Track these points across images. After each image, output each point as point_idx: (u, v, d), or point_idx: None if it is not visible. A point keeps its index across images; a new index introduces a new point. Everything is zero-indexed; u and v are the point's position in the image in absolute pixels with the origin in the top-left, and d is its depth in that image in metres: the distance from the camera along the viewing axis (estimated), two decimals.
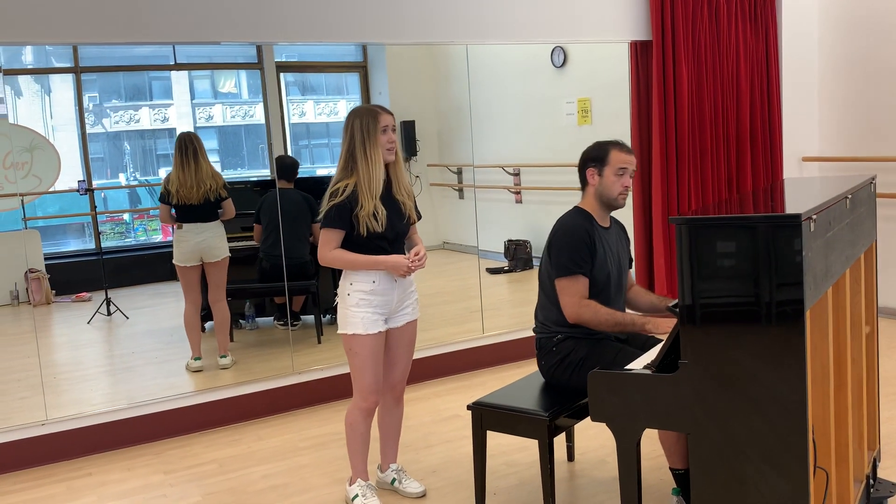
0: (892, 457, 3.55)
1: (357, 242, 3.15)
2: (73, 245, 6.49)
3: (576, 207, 3.26)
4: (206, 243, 4.94)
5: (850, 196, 2.71)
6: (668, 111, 5.53)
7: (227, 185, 5.04)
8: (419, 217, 3.35)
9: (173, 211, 4.91)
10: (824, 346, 2.49)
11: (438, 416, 4.44)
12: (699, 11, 5.54)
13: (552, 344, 3.20)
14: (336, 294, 3.26)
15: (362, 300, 3.16)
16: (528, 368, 5.09)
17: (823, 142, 6.26)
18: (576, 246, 3.09)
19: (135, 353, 5.41)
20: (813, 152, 6.27)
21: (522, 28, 5.12)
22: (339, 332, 3.23)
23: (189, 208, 4.88)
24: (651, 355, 2.71)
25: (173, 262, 4.95)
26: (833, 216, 2.45)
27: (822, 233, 2.29)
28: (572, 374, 3.13)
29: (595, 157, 3.19)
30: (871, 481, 3.11)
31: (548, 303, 3.22)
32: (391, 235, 3.20)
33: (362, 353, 3.18)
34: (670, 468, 3.02)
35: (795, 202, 2.52)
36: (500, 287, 7.01)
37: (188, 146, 4.87)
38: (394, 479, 3.50)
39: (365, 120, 3.15)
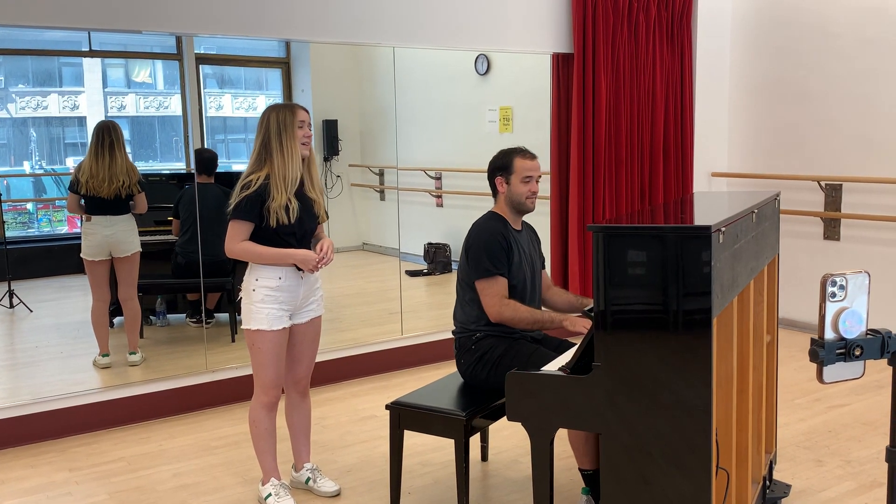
0: (787, 460, 3.74)
1: (265, 236, 3.15)
2: None
3: (490, 212, 3.37)
4: (116, 237, 4.77)
5: (756, 210, 2.85)
6: (587, 122, 5.68)
7: (143, 178, 4.89)
8: (327, 217, 3.37)
9: (82, 202, 4.73)
10: (729, 353, 2.60)
11: (356, 416, 4.44)
12: (619, 28, 5.71)
13: (471, 342, 3.27)
14: (241, 289, 3.24)
15: (268, 296, 3.16)
16: (446, 370, 5.14)
17: (732, 158, 6.55)
18: (493, 248, 3.19)
19: (39, 347, 5.20)
20: (722, 168, 6.54)
21: (449, 34, 5.18)
22: (242, 326, 3.22)
23: (99, 201, 4.70)
24: (566, 357, 2.80)
25: (81, 255, 4.76)
26: (740, 229, 2.57)
27: (729, 245, 2.41)
28: (490, 372, 3.22)
29: (501, 167, 3.33)
30: (768, 482, 3.27)
31: (466, 302, 3.30)
32: (300, 232, 3.21)
33: (265, 349, 3.18)
34: (579, 469, 3.11)
35: (705, 215, 2.63)
36: (419, 289, 7.04)
37: (106, 136, 4.67)
38: (308, 479, 3.49)
39: (282, 113, 3.18)
